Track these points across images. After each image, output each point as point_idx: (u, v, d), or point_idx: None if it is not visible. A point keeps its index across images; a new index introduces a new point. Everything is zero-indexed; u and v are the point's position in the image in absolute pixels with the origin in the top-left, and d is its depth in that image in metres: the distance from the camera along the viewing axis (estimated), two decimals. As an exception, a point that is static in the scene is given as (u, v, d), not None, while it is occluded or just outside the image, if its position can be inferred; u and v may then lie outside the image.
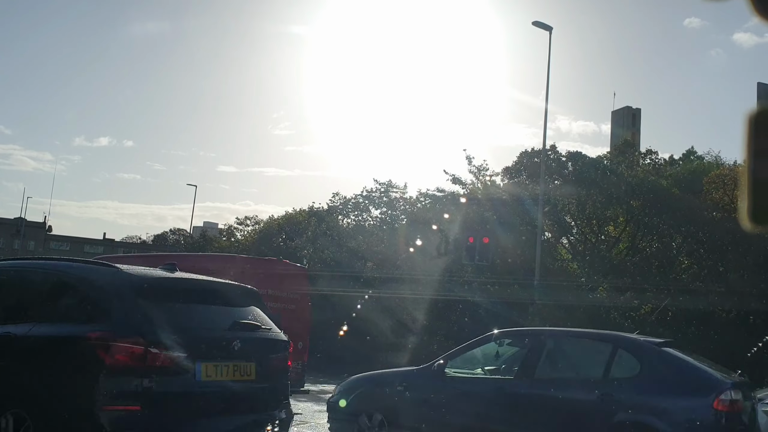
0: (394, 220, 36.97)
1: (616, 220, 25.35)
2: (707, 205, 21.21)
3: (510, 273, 23.10)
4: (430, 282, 23.68)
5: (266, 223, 45.75)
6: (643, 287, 20.35)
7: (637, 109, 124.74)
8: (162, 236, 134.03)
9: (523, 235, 24.76)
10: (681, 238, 22.64)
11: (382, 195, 39.25)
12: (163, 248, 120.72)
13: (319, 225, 38.46)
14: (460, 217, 24.89)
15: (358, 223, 39.35)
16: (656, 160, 28.60)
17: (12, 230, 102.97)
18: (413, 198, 37.19)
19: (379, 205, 39.42)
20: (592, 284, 21.85)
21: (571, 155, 27.50)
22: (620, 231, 25.41)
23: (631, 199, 23.70)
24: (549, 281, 21.48)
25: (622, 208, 24.24)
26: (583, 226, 26.68)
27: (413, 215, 33.66)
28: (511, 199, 25.94)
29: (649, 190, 23.25)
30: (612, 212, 24.98)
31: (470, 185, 28.74)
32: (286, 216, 42.91)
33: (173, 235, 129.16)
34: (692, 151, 35.52)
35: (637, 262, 23.05)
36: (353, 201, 40.30)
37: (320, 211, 41.30)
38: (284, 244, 40.86)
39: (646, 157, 28.56)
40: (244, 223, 49.71)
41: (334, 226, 38.19)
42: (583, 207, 25.55)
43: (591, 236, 26.17)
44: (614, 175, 24.87)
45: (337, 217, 40.30)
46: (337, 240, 35.17)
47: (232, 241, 49.23)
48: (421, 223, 30.01)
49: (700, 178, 24.45)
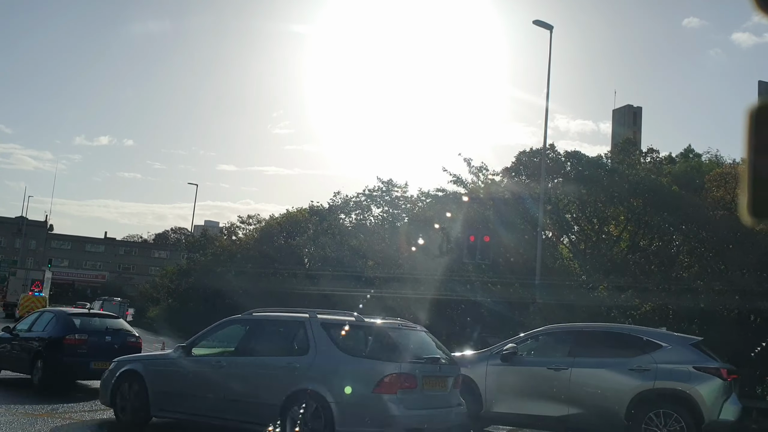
0: (396, 218, 37.01)
1: (617, 218, 25.36)
2: (708, 203, 21.22)
3: (512, 272, 23.14)
4: (431, 281, 23.71)
5: (267, 222, 45.82)
6: (644, 286, 20.37)
7: (638, 107, 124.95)
8: (163, 235, 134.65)
9: (525, 234, 24.78)
10: (682, 237, 22.65)
11: (383, 194, 39.27)
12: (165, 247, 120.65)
13: (321, 224, 38.52)
14: (461, 216, 24.92)
15: (360, 222, 39.38)
16: (656, 158, 28.59)
17: (13, 229, 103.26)
18: (414, 197, 37.22)
19: (381, 204, 39.45)
20: (592, 283, 21.86)
21: (570, 154, 27.49)
22: (621, 229, 25.43)
23: (631, 198, 23.70)
24: (550, 280, 21.51)
25: (622, 207, 24.25)
26: (584, 224, 26.68)
27: (414, 215, 33.70)
28: (511, 198, 25.96)
29: (650, 189, 23.25)
30: (613, 211, 24.99)
31: (471, 185, 28.76)
32: (287, 215, 42.97)
33: (174, 234, 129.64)
34: (690, 150, 35.54)
35: (637, 260, 23.06)
36: (354, 200, 40.33)
37: (321, 209, 41.35)
38: (285, 242, 40.94)
39: (647, 156, 28.56)
40: (247, 222, 49.74)
41: (336, 225, 38.24)
42: (583, 206, 25.56)
43: (592, 234, 26.18)
44: (615, 174, 24.87)
45: (338, 216, 40.34)
46: (339, 239, 35.23)
47: (233, 240, 49.36)
48: (422, 222, 30.06)
49: (699, 176, 24.47)
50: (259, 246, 41.62)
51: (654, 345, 11.05)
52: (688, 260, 22.26)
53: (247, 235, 47.54)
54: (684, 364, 10.67)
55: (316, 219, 39.72)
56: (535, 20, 23.50)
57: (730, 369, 11.05)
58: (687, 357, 10.80)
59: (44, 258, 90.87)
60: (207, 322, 12.52)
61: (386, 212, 38.93)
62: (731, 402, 10.74)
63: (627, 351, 11.15)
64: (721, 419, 10.56)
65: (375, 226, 37.19)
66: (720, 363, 10.99)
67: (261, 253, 40.00)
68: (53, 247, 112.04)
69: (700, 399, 10.41)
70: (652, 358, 10.80)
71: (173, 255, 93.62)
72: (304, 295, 25.28)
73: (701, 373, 10.59)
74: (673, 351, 10.89)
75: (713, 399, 10.49)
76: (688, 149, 36.17)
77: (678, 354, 10.87)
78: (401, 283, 25.19)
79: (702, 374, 10.57)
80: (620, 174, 24.57)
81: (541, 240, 22.91)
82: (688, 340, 11.48)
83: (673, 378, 10.56)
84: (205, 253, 49.68)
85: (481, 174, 28.81)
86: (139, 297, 72.82)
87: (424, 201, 34.12)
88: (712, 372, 10.62)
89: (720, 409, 10.51)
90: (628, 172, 24.23)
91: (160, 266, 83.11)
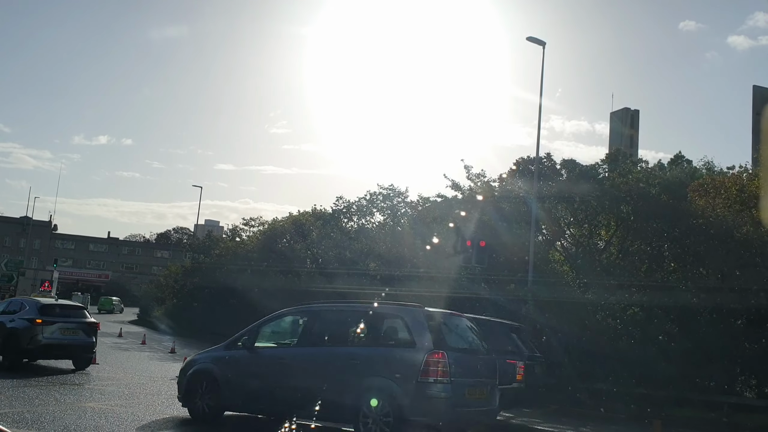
0: (396, 223, 38.23)
1: (608, 224, 26.58)
2: (692, 211, 22.40)
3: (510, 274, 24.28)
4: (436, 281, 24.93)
5: (271, 224, 46.86)
6: (631, 289, 21.61)
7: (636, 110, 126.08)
8: (165, 235, 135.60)
9: (520, 238, 25.99)
10: (668, 243, 23.84)
11: (384, 199, 40.58)
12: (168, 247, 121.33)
13: (324, 227, 39.76)
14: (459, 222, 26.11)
15: (362, 227, 40.61)
16: (647, 168, 29.87)
17: (18, 229, 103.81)
18: (414, 202, 38.55)
19: (383, 210, 40.72)
20: (583, 286, 23.07)
21: (565, 162, 28.81)
22: (611, 235, 26.67)
23: (621, 205, 24.89)
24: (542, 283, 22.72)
25: (612, 214, 25.48)
26: (576, 230, 27.95)
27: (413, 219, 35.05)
28: (508, 206, 27.19)
29: (639, 197, 24.43)
30: (603, 218, 26.21)
31: (467, 191, 29.95)
32: (291, 218, 44.11)
33: (176, 233, 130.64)
34: (680, 156, 36.69)
35: (626, 266, 24.28)
36: (357, 204, 41.59)
37: (325, 213, 42.53)
38: (289, 245, 42.11)
39: (637, 165, 29.84)
40: (249, 223, 50.80)
41: (338, 229, 39.52)
42: (576, 212, 26.79)
43: (583, 240, 27.45)
44: (606, 182, 26.13)
45: (341, 220, 41.58)
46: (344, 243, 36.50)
47: (237, 242, 50.35)
48: (422, 226, 31.41)
49: (687, 184, 25.64)
50: (263, 249, 42.65)
51: None
52: (674, 265, 23.45)
53: (251, 238, 48.58)
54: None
55: (320, 223, 40.94)
56: (529, 37, 24.76)
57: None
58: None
59: (48, 257, 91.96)
60: (215, 321, 13.37)
61: (388, 216, 40.26)
62: None
63: None
64: None
65: (376, 229, 38.41)
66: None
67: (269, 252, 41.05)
68: (57, 247, 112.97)
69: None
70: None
71: (175, 254, 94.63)
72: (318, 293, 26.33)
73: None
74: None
75: None
76: (678, 155, 37.37)
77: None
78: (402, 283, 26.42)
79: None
80: (611, 182, 25.82)
81: (534, 243, 24.14)
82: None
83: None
84: (210, 254, 50.71)
85: (479, 180, 30.01)
86: (143, 297, 73.72)
87: (424, 206, 35.49)
88: None
89: None
90: (619, 181, 25.41)
91: (163, 266, 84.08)
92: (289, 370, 10.52)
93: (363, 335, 10.32)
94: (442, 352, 9.54)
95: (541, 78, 24.90)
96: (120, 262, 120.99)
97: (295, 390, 10.21)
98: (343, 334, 10.65)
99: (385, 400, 9.43)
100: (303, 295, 25.10)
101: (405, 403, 9.31)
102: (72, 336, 18.33)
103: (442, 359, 9.45)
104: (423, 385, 9.34)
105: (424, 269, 27.24)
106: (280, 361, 10.81)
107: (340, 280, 29.84)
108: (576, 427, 16.25)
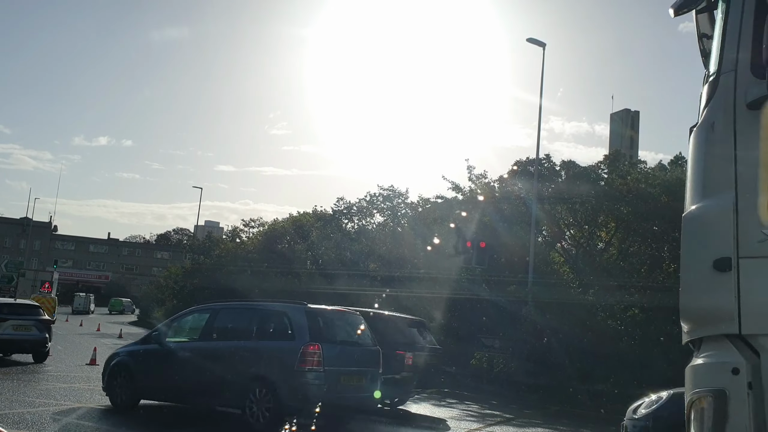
0: (397, 224, 38.26)
1: (608, 225, 26.59)
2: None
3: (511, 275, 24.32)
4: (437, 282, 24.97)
5: (271, 225, 46.90)
6: (631, 290, 21.61)
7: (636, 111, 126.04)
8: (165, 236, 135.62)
9: (520, 239, 26.02)
10: (668, 244, 23.85)
11: (384, 200, 40.58)
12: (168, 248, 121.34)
13: (324, 228, 39.76)
14: (459, 222, 26.16)
15: (362, 228, 40.63)
16: (645, 169, 29.92)
17: (18, 230, 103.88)
18: (414, 203, 38.57)
19: (384, 211, 40.73)
20: (583, 287, 23.09)
21: (565, 163, 28.84)
22: (611, 236, 26.68)
23: (621, 206, 24.90)
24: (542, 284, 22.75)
25: (612, 215, 25.49)
26: (576, 231, 27.96)
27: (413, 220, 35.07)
28: (508, 207, 27.22)
29: (639, 198, 24.43)
30: (603, 219, 26.22)
31: (467, 193, 29.98)
32: (291, 219, 44.14)
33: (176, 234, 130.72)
34: (681, 157, 36.71)
35: (626, 267, 24.30)
36: (357, 205, 41.59)
37: (325, 214, 42.55)
38: (289, 246, 42.14)
39: (637, 166, 29.87)
40: (249, 224, 50.87)
41: (338, 230, 39.53)
42: (576, 213, 26.81)
43: (583, 241, 27.45)
44: (606, 184, 26.14)
45: (341, 221, 41.60)
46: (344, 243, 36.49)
47: (237, 243, 50.44)
48: (422, 227, 31.44)
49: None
50: (264, 250, 42.70)
51: None
52: (674, 266, 23.44)
53: (251, 239, 48.63)
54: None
55: (320, 224, 40.95)
56: (529, 38, 24.82)
57: None
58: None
59: (48, 258, 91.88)
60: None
61: (388, 216, 40.28)
62: None
63: None
64: None
65: (377, 230, 38.45)
66: None
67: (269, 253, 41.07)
68: (57, 248, 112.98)
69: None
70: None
71: (175, 256, 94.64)
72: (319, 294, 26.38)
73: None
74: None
75: None
76: (679, 156, 37.33)
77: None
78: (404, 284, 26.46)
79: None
80: (610, 183, 25.83)
81: (534, 244, 24.17)
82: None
83: None
84: (210, 255, 50.77)
85: (480, 180, 30.05)
86: (143, 298, 73.79)
87: (424, 207, 35.51)
88: None
89: None
90: (619, 182, 25.42)
91: (163, 267, 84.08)
92: (191, 362, 11.69)
93: (253, 330, 11.56)
94: (317, 344, 10.67)
95: (541, 79, 24.98)
96: (120, 263, 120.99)
97: (197, 380, 11.44)
98: (237, 329, 11.89)
99: (266, 388, 10.57)
100: (303, 296, 25.07)
101: (283, 390, 10.45)
102: (24, 332, 19.81)
103: (317, 350, 10.60)
104: (299, 373, 10.49)
105: (424, 270, 27.28)
106: (184, 354, 11.98)
107: (340, 281, 29.85)
108: (576, 429, 16.24)
